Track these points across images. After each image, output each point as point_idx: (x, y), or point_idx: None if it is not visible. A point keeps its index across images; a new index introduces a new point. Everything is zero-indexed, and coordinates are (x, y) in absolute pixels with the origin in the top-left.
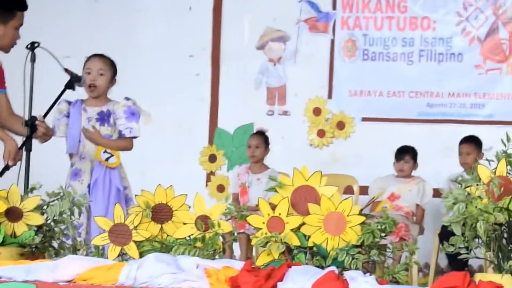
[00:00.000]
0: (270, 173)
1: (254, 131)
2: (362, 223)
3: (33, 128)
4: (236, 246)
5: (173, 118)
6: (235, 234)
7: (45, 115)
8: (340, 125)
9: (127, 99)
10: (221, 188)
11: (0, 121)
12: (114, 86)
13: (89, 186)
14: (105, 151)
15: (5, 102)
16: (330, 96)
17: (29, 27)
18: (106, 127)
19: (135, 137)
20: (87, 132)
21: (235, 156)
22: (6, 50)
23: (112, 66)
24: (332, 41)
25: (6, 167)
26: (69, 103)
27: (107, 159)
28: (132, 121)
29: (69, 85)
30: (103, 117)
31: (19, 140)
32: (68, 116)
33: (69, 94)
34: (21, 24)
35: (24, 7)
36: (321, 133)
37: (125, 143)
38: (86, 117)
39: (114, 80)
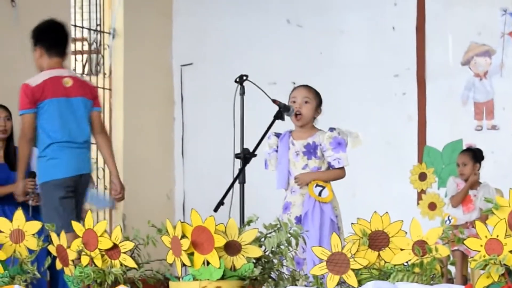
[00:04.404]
0: (483, 188)
1: (464, 148)
2: None
3: (245, 161)
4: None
5: (381, 138)
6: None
7: (256, 148)
8: None
9: (332, 129)
10: (432, 206)
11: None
12: (320, 116)
13: (296, 218)
14: (317, 185)
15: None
16: None
17: (236, 57)
18: (314, 160)
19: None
20: (296, 179)
21: (445, 173)
22: None
23: (317, 95)
24: None
25: (221, 202)
26: (278, 136)
27: (320, 193)
28: (339, 151)
29: (278, 116)
30: (310, 150)
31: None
32: (277, 150)
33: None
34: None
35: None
36: None
37: (337, 172)
38: (294, 151)
39: (320, 110)
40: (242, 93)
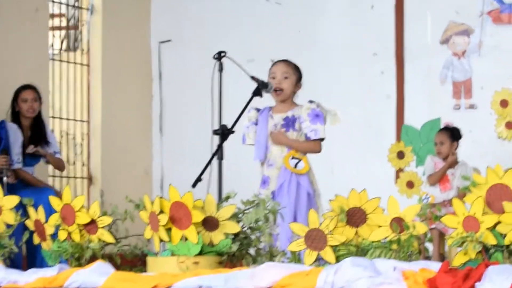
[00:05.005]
0: (461, 167)
1: (441, 127)
2: None
3: (224, 137)
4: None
5: (360, 117)
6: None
7: (234, 124)
8: None
9: (311, 102)
10: (410, 185)
11: None
12: (300, 90)
13: (273, 192)
14: (293, 157)
15: None
16: None
17: (214, 34)
18: (291, 132)
19: (321, 139)
20: (272, 134)
21: (423, 152)
22: None
23: (296, 70)
24: None
25: (199, 178)
26: (258, 110)
27: (295, 165)
28: (317, 123)
29: (257, 92)
30: (288, 123)
31: None
32: (256, 123)
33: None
34: None
35: None
36: (509, 125)
37: (312, 145)
38: (272, 124)
39: (300, 84)
40: (220, 70)
